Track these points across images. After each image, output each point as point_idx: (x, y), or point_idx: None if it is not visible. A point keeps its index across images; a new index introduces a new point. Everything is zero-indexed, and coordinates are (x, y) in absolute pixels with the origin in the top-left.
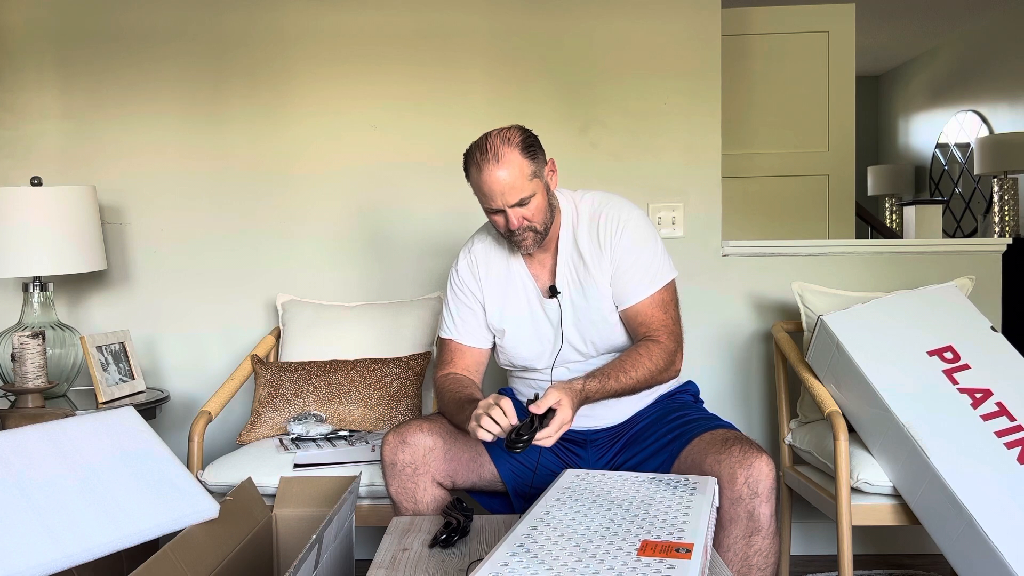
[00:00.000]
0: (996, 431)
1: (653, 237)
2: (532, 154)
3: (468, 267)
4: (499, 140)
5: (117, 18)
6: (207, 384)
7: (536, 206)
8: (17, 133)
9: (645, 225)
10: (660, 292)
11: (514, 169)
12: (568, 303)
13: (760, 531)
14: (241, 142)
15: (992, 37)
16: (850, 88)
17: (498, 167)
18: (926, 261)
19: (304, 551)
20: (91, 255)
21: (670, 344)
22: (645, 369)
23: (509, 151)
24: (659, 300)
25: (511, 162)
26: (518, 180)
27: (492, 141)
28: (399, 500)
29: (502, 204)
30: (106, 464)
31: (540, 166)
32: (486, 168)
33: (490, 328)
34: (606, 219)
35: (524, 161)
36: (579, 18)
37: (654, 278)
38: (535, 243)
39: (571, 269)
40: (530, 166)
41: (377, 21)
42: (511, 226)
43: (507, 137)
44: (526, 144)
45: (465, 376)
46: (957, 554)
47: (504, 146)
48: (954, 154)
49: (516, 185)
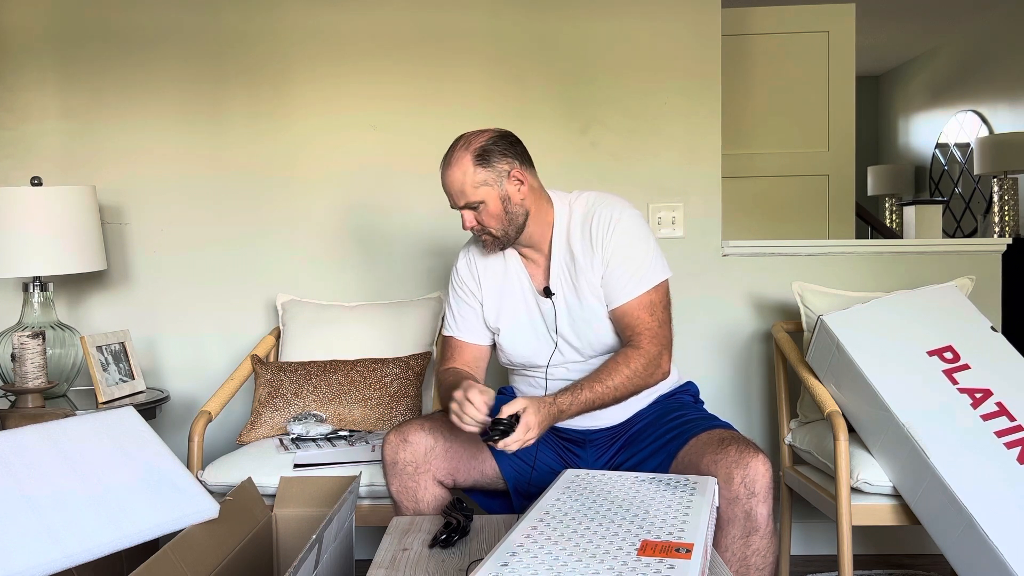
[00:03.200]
0: (996, 431)
1: (645, 236)
2: (485, 163)
3: (467, 266)
4: (461, 143)
5: (117, 18)
6: (207, 384)
7: (488, 213)
8: (17, 133)
9: (637, 224)
10: (648, 293)
11: (461, 174)
12: (562, 303)
13: (758, 531)
14: (241, 142)
15: (992, 37)
16: (850, 88)
17: (448, 169)
18: (926, 261)
19: (304, 551)
20: (91, 255)
21: (651, 348)
22: (622, 376)
23: (461, 156)
24: (646, 302)
25: (460, 167)
26: (465, 186)
27: (456, 143)
28: (400, 499)
29: (453, 204)
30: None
31: (496, 175)
32: (442, 167)
33: (487, 326)
34: (598, 218)
35: (472, 168)
36: (579, 18)
37: (643, 278)
38: (495, 246)
39: (564, 269)
40: (479, 174)
41: (377, 21)
42: (463, 226)
43: (469, 141)
44: (483, 152)
45: (465, 370)
46: (957, 554)
47: (461, 150)
48: (954, 154)
49: (462, 190)
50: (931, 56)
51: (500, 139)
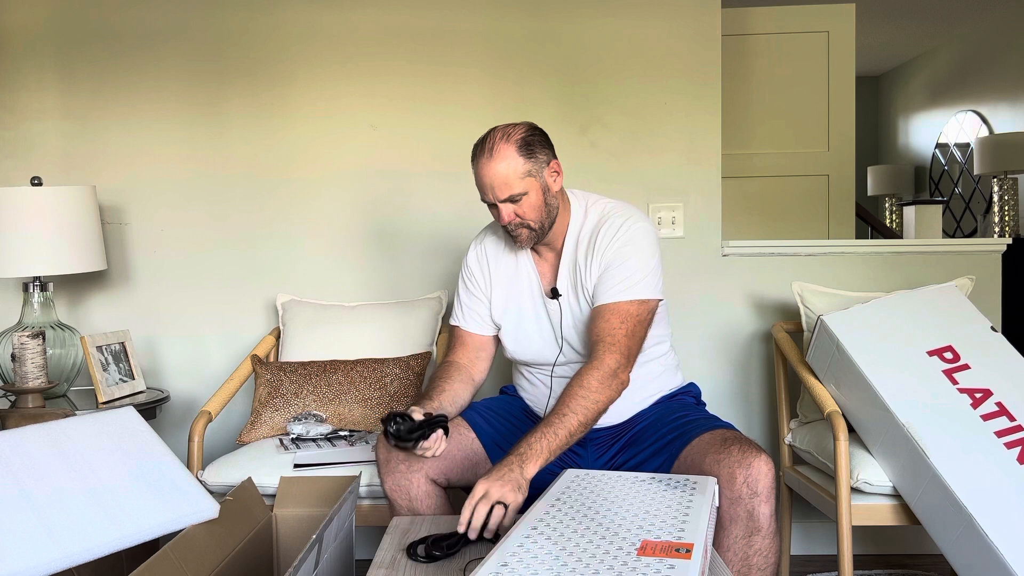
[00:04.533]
0: (996, 431)
1: (647, 250)
2: (529, 153)
3: (476, 259)
4: (499, 135)
5: (117, 18)
6: (207, 384)
7: (529, 204)
8: (17, 133)
9: (644, 237)
10: (631, 303)
11: (506, 166)
12: (567, 305)
13: (760, 531)
14: (241, 142)
15: (992, 37)
16: (850, 88)
17: (491, 162)
18: (926, 261)
19: (304, 551)
20: (91, 255)
21: (608, 361)
22: (579, 398)
23: (505, 147)
24: (623, 310)
25: (504, 158)
26: (510, 177)
27: (493, 135)
28: (394, 497)
29: (493, 198)
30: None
31: (539, 165)
32: (481, 161)
33: (493, 320)
34: (607, 226)
35: (519, 159)
36: (579, 18)
37: (630, 288)
38: (530, 240)
39: (570, 272)
40: (524, 164)
41: (377, 21)
42: (501, 220)
43: (508, 133)
44: (525, 142)
45: (459, 365)
46: (957, 554)
47: (502, 142)
48: (954, 154)
49: (507, 182)
50: (931, 56)
51: (536, 130)
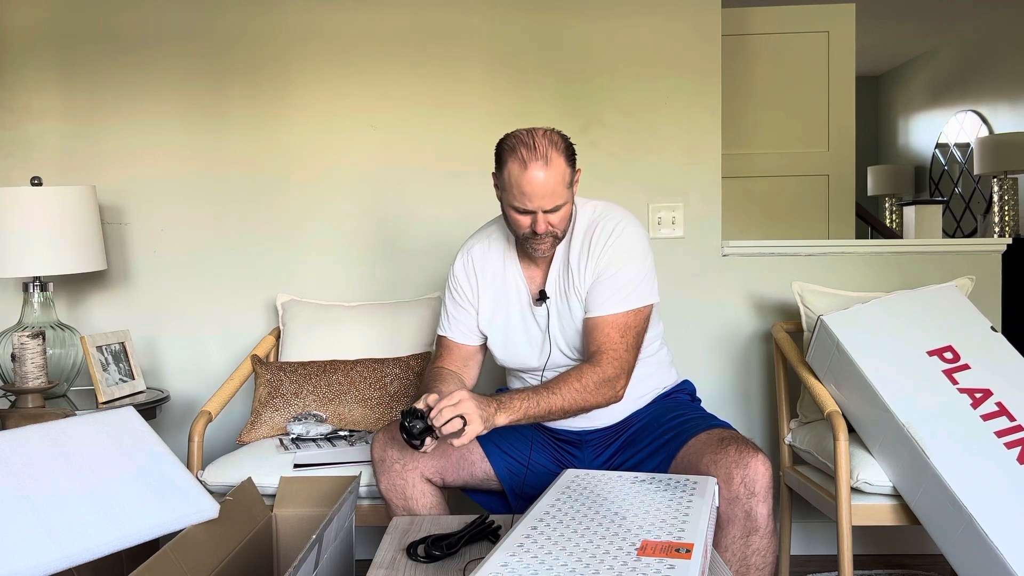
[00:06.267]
0: (996, 431)
1: (641, 255)
2: (572, 162)
3: (463, 268)
4: (547, 141)
5: (117, 18)
6: (207, 384)
7: (563, 214)
8: (17, 133)
9: (637, 241)
10: (626, 314)
11: (558, 175)
12: (555, 309)
13: (758, 531)
14: (241, 142)
15: (992, 37)
16: (850, 88)
17: (546, 169)
18: (926, 261)
19: (304, 551)
20: (91, 255)
21: (609, 370)
22: (572, 390)
23: (557, 155)
24: (621, 323)
25: (557, 167)
26: (559, 186)
27: (540, 140)
28: (389, 496)
29: (536, 207)
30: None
31: (573, 174)
32: (532, 168)
33: (480, 330)
34: (600, 230)
35: (567, 168)
36: (579, 18)
37: (626, 298)
38: (552, 248)
39: (559, 276)
40: (570, 174)
41: (377, 21)
42: (537, 229)
43: (554, 140)
44: (570, 151)
45: (449, 370)
46: (957, 554)
47: (553, 149)
48: (954, 154)
49: (556, 191)
50: (931, 56)
51: (567, 137)
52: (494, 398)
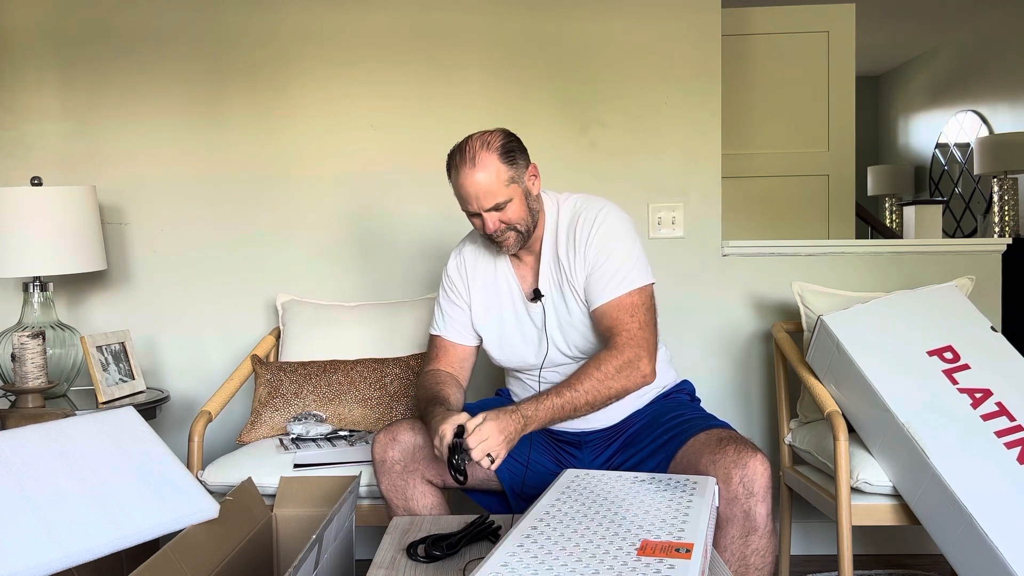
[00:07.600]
0: (996, 431)
1: (629, 239)
2: (511, 159)
3: (456, 268)
4: (479, 144)
5: (117, 18)
6: (207, 384)
7: (513, 210)
8: (17, 133)
9: (620, 226)
10: (630, 295)
11: (490, 174)
12: (551, 306)
13: (757, 530)
14: (241, 142)
15: (992, 37)
16: (850, 88)
17: (475, 171)
18: (926, 261)
19: (304, 551)
20: (91, 255)
21: (626, 351)
22: (593, 380)
23: (487, 155)
24: (627, 303)
25: (488, 166)
26: (494, 185)
27: (472, 144)
28: (390, 497)
29: (478, 208)
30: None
31: (519, 171)
32: (463, 171)
33: (475, 329)
34: (583, 221)
35: (501, 166)
36: (579, 18)
37: (624, 280)
38: (517, 243)
39: (551, 272)
40: (507, 171)
41: (377, 21)
42: (487, 229)
43: (487, 141)
44: (506, 149)
45: (446, 372)
46: (957, 554)
47: (483, 150)
48: (954, 154)
49: (492, 190)
50: (931, 56)
51: (512, 137)
52: (519, 412)
